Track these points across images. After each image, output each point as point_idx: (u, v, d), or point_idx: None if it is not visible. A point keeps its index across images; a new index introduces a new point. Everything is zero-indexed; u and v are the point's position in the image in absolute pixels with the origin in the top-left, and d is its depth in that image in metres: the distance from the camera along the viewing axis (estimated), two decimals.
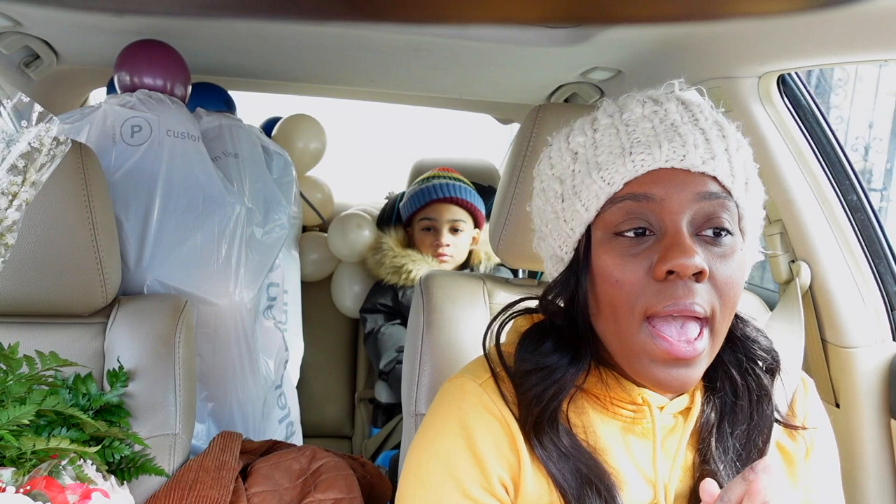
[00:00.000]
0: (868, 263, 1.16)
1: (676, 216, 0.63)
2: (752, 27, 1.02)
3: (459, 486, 0.67)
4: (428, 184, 1.83)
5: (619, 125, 0.67)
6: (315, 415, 2.17)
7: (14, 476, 0.80)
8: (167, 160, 1.37)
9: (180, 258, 1.37)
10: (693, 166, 0.63)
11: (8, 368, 0.92)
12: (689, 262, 0.60)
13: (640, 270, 0.63)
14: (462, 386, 0.73)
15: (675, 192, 0.63)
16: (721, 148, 0.64)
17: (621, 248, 0.65)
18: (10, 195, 0.77)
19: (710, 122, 0.66)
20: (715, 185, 0.64)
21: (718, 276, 0.63)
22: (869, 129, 3.87)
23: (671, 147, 0.63)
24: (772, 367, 0.73)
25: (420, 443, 0.73)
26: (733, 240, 0.65)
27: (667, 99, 0.68)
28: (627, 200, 0.65)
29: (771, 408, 0.72)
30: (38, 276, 1.01)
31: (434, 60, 1.60)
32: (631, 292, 0.64)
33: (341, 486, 1.07)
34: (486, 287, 1.09)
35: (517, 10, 0.96)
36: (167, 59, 1.47)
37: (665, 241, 0.62)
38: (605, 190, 0.65)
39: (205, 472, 1.01)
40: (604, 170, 0.65)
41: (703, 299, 0.62)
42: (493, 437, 0.69)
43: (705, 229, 0.64)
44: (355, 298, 2.05)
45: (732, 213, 0.65)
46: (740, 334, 0.72)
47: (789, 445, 0.75)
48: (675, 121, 0.65)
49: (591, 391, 0.71)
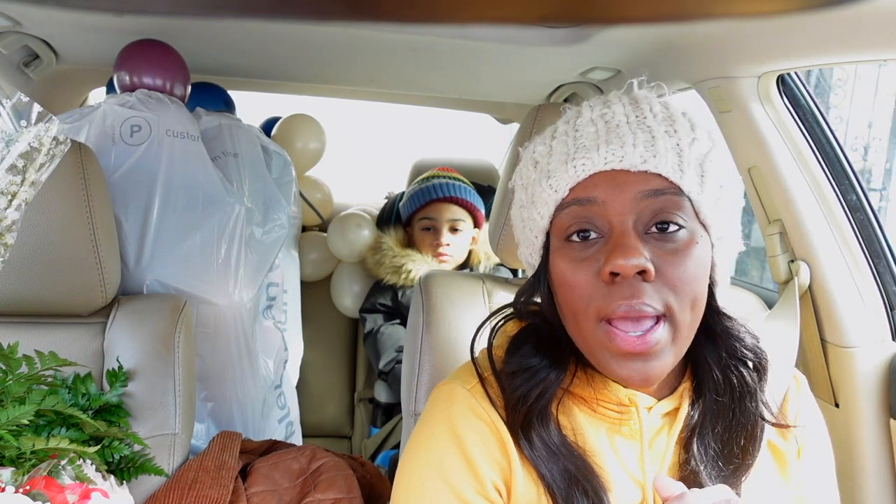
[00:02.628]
0: (867, 263, 1.16)
1: (621, 217, 0.63)
2: (752, 27, 1.02)
3: (454, 492, 0.67)
4: (428, 183, 1.83)
5: (570, 131, 0.68)
6: (314, 415, 2.17)
7: (14, 476, 0.80)
8: (166, 160, 1.37)
9: (180, 258, 1.37)
10: (633, 166, 0.63)
11: (7, 368, 0.92)
12: (629, 263, 0.61)
13: (589, 273, 0.64)
14: (451, 391, 0.74)
15: (616, 193, 0.64)
16: (669, 144, 0.64)
17: (572, 252, 0.66)
18: (9, 195, 0.77)
19: (658, 119, 0.66)
20: (660, 182, 0.63)
21: (668, 273, 0.63)
22: (868, 128, 3.87)
23: (609, 149, 0.64)
24: (758, 365, 0.72)
25: (412, 450, 0.73)
26: (688, 234, 0.64)
27: (617, 100, 0.68)
28: (573, 206, 0.66)
29: (755, 405, 0.71)
30: (37, 276, 1.01)
31: (434, 60, 1.60)
32: (583, 295, 0.64)
33: (341, 485, 1.07)
34: (485, 287, 1.09)
35: (517, 10, 0.95)
36: (167, 59, 1.47)
37: (610, 243, 0.63)
38: (553, 197, 0.67)
39: (204, 472, 1.01)
40: (552, 177, 0.67)
41: (652, 298, 0.62)
42: (483, 441, 0.69)
43: (652, 226, 0.64)
44: (355, 298, 2.05)
45: (685, 207, 0.64)
46: (721, 330, 0.71)
47: (780, 444, 0.75)
48: (620, 122, 0.66)
49: (578, 393, 0.72)
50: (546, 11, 1.01)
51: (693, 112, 0.69)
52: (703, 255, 0.65)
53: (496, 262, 1.84)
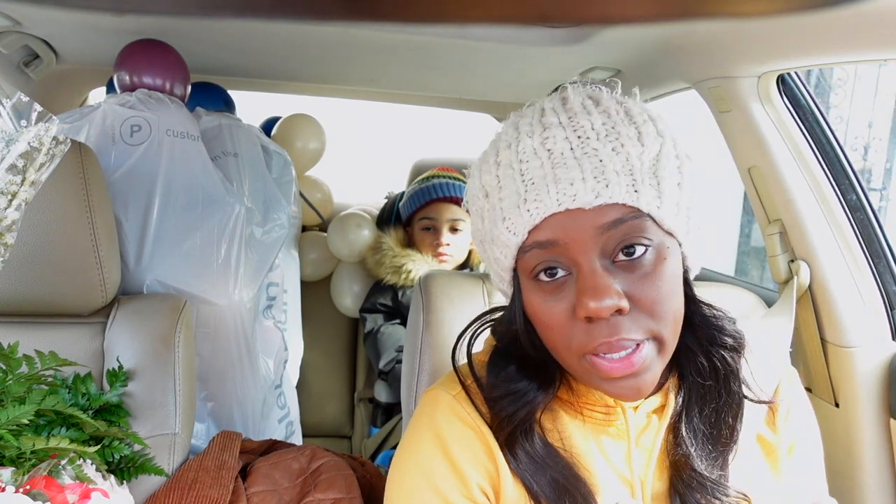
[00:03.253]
0: (867, 263, 1.16)
1: (585, 254, 0.61)
2: (752, 27, 1.02)
3: (441, 496, 0.68)
4: (427, 183, 1.83)
5: (514, 163, 0.64)
6: (314, 414, 2.17)
7: (14, 476, 0.80)
8: (167, 160, 1.37)
9: (180, 258, 1.37)
10: (586, 203, 0.60)
11: (7, 368, 0.92)
12: (602, 305, 0.59)
13: (565, 312, 0.63)
14: (435, 397, 0.74)
15: (576, 232, 0.61)
16: (618, 165, 0.61)
17: (542, 292, 0.64)
18: (9, 195, 0.77)
19: (602, 137, 0.62)
20: (617, 211, 0.61)
21: (644, 300, 0.61)
22: (868, 128, 3.87)
23: (559, 189, 0.61)
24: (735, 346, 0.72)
25: (400, 455, 0.73)
26: (655, 251, 0.62)
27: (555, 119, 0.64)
28: (535, 249, 0.63)
29: (738, 384, 0.71)
30: (37, 276, 1.01)
31: (434, 60, 1.60)
32: (563, 334, 0.63)
33: (341, 485, 1.07)
34: (485, 286, 1.09)
35: (517, 10, 0.95)
36: (167, 59, 1.47)
37: (579, 284, 0.61)
38: (513, 240, 0.64)
39: (204, 472, 1.01)
40: (507, 220, 0.64)
41: (631, 330, 0.61)
42: (468, 445, 0.70)
43: (618, 253, 0.62)
44: (355, 298, 2.04)
45: (647, 227, 0.62)
46: (699, 320, 0.71)
47: (770, 437, 0.75)
48: (564, 150, 0.62)
49: (564, 398, 0.72)
50: (546, 11, 1.00)
51: (634, 108, 0.65)
52: (675, 267, 0.64)
53: None
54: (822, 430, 0.81)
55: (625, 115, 0.64)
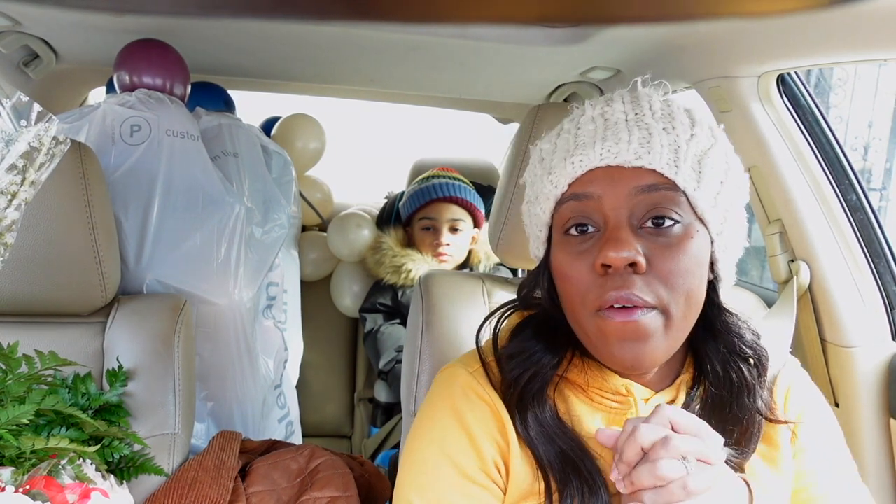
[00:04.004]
0: (867, 263, 1.16)
1: (615, 211, 0.65)
2: (752, 27, 1.02)
3: (457, 468, 0.69)
4: (427, 183, 1.83)
5: (572, 129, 0.70)
6: (314, 414, 2.17)
7: (13, 475, 0.80)
8: (166, 160, 1.37)
9: (180, 257, 1.37)
10: (627, 162, 0.65)
11: (7, 368, 0.92)
12: (620, 255, 0.62)
13: (585, 266, 0.66)
14: (452, 373, 0.77)
15: (611, 188, 0.65)
16: (665, 141, 0.65)
17: (570, 246, 0.68)
18: (9, 195, 0.77)
19: (657, 116, 0.67)
20: (654, 178, 0.65)
21: (660, 267, 0.64)
22: (868, 128, 3.87)
23: (605, 146, 0.66)
24: (757, 362, 0.73)
25: (416, 431, 0.75)
26: (683, 228, 0.65)
27: (619, 98, 0.70)
28: (571, 201, 0.68)
29: (753, 401, 0.71)
30: (37, 276, 1.01)
31: (434, 60, 1.60)
32: (580, 287, 0.66)
33: (338, 484, 1.07)
34: (485, 286, 1.09)
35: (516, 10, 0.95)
36: (166, 59, 1.47)
37: (604, 237, 0.65)
38: (553, 192, 0.69)
39: (204, 472, 1.01)
40: (553, 173, 0.69)
41: (643, 290, 0.63)
42: (483, 420, 0.71)
43: (647, 220, 0.65)
44: (355, 298, 2.04)
45: (681, 202, 0.65)
46: (720, 326, 0.72)
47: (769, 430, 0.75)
48: (619, 119, 0.67)
49: (574, 380, 0.74)
50: (546, 11, 1.00)
51: (696, 109, 0.70)
52: (699, 250, 0.66)
53: (496, 261, 1.84)
54: None
55: (684, 109, 0.69)
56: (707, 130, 0.69)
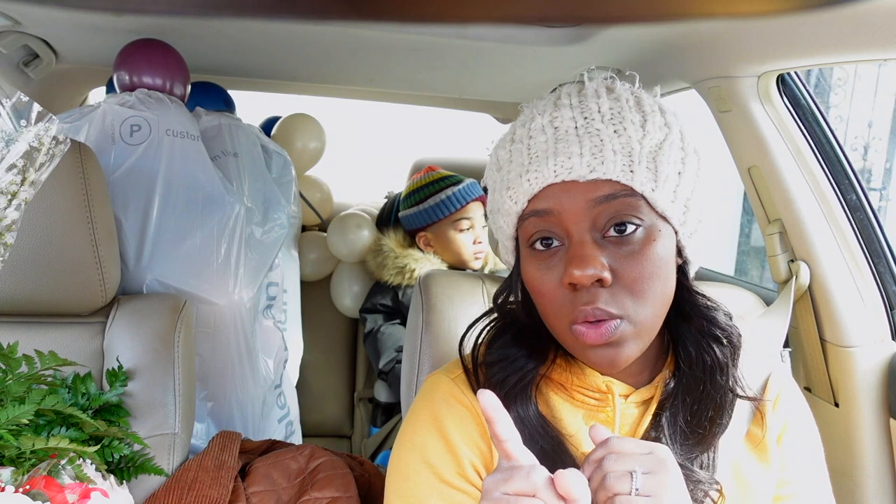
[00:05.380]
0: (867, 263, 1.16)
1: (577, 225, 0.65)
2: (752, 27, 1.02)
3: (434, 472, 0.71)
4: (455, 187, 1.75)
5: (524, 139, 0.70)
6: (314, 414, 2.17)
7: (13, 475, 0.80)
8: (166, 159, 1.37)
9: (179, 257, 1.37)
10: (581, 176, 0.64)
11: (7, 368, 0.92)
12: (584, 273, 0.63)
13: (555, 281, 0.66)
14: (435, 381, 0.78)
15: (569, 202, 0.65)
16: (617, 146, 0.65)
17: (538, 260, 0.68)
18: (9, 194, 0.77)
19: (605, 120, 0.66)
20: (611, 187, 0.64)
21: (626, 276, 0.64)
22: (868, 128, 3.88)
23: (558, 161, 0.65)
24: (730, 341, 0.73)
25: (400, 438, 0.77)
26: (645, 232, 0.65)
27: (567, 101, 0.69)
28: (532, 217, 0.68)
29: (726, 379, 0.72)
30: (37, 276, 1.01)
31: (433, 60, 1.60)
32: (553, 302, 0.67)
33: (338, 484, 1.07)
34: (485, 287, 1.09)
35: (517, 10, 0.95)
36: (166, 59, 1.47)
37: (568, 253, 0.65)
38: (514, 208, 0.69)
39: (204, 472, 1.01)
40: (511, 188, 0.69)
41: (608, 303, 0.64)
42: (463, 425, 0.73)
43: (609, 229, 0.65)
44: (355, 298, 2.05)
45: (640, 206, 0.65)
46: (690, 309, 0.73)
47: (757, 432, 0.76)
48: (568, 128, 0.67)
49: (556, 379, 0.75)
50: (546, 11, 1.01)
51: (647, 100, 0.69)
52: (664, 249, 0.67)
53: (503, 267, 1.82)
54: (822, 431, 0.81)
55: (634, 104, 0.68)
56: (658, 121, 0.67)
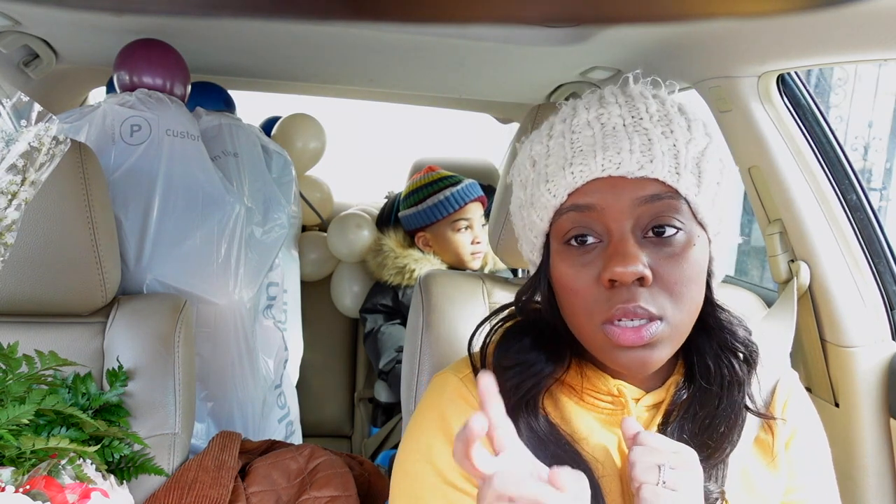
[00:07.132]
0: (867, 263, 1.16)
1: (618, 223, 0.64)
2: (752, 27, 1.02)
3: (439, 474, 0.70)
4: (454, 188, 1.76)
5: (566, 133, 0.68)
6: (314, 414, 2.17)
7: (13, 475, 0.80)
8: (166, 159, 1.37)
9: (180, 257, 1.37)
10: (629, 173, 0.63)
11: (7, 368, 0.92)
12: (627, 270, 0.62)
13: (590, 279, 0.65)
14: (443, 380, 0.77)
15: (614, 199, 0.64)
16: (665, 147, 0.64)
17: (572, 257, 0.67)
18: (9, 194, 0.77)
19: (654, 121, 0.66)
20: (657, 187, 0.64)
21: (666, 278, 0.64)
22: (868, 128, 3.88)
23: (606, 156, 0.64)
24: (748, 358, 0.73)
25: (405, 438, 0.76)
26: (685, 236, 0.65)
27: (613, 99, 0.68)
28: (571, 211, 0.66)
29: (742, 396, 0.72)
30: (37, 276, 1.01)
31: (434, 60, 1.60)
32: (585, 300, 0.66)
33: (337, 483, 1.08)
34: (485, 286, 1.09)
35: (517, 10, 0.95)
36: (166, 59, 1.47)
37: (609, 250, 0.64)
38: (552, 202, 0.67)
39: (204, 472, 1.01)
40: (550, 182, 0.67)
41: (649, 302, 0.63)
42: None
43: (651, 230, 0.65)
44: (355, 298, 2.04)
45: (682, 210, 0.65)
46: (713, 322, 0.72)
47: (766, 439, 0.76)
48: (616, 125, 0.66)
49: (567, 382, 0.74)
50: (546, 11, 1.01)
51: (688, 107, 0.69)
52: (700, 255, 0.66)
53: (503, 267, 1.82)
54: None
55: (678, 109, 0.68)
56: (701, 128, 0.67)
